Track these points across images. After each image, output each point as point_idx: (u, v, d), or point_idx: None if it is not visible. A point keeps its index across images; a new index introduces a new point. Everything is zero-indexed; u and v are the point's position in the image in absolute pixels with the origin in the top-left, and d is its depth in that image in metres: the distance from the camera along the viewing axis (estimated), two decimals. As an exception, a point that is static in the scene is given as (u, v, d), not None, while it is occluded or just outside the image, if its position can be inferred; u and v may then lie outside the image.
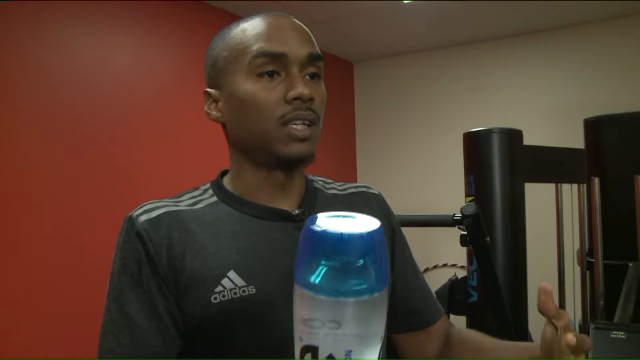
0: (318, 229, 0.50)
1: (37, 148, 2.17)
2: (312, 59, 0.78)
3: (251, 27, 0.78)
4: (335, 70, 4.19)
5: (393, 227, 0.93)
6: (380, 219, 0.93)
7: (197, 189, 0.85)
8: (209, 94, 0.82)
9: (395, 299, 0.90)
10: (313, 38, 0.81)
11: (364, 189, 0.94)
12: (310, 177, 0.90)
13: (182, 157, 2.78)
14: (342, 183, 0.95)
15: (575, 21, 3.51)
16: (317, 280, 0.48)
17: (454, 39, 3.86)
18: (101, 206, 2.36)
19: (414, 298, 0.92)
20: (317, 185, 0.90)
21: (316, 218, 0.52)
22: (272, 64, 0.76)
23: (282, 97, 0.76)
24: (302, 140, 0.77)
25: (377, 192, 0.95)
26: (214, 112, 0.82)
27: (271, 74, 0.76)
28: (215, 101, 0.82)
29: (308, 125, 0.77)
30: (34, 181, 2.15)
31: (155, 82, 2.71)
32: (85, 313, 2.11)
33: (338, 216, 0.54)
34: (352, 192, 0.93)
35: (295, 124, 0.76)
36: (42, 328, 2.13)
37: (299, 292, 0.50)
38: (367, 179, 4.30)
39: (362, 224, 0.53)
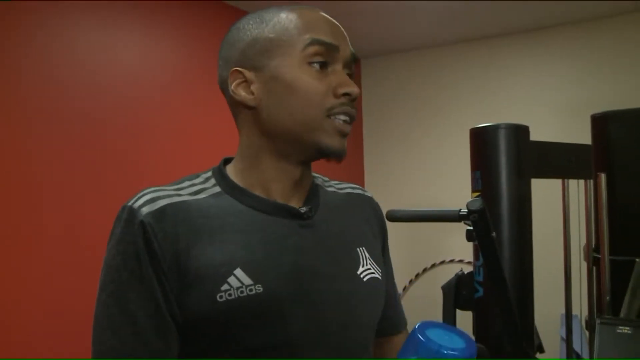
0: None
1: (45, 145, 2.18)
2: (353, 60, 0.81)
3: (303, 15, 0.78)
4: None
5: (384, 230, 0.96)
6: (373, 222, 0.96)
7: (197, 176, 0.83)
8: (240, 73, 0.79)
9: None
10: None
11: (360, 191, 0.97)
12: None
13: (190, 152, 2.79)
14: (338, 182, 0.96)
15: (583, 17, 3.49)
16: None
17: (462, 36, 3.85)
18: (110, 203, 2.36)
19: (388, 304, 0.93)
20: (317, 182, 0.90)
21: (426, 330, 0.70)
22: (324, 54, 0.77)
23: (331, 90, 0.77)
24: (344, 135, 0.79)
25: (371, 195, 0.98)
26: (244, 93, 0.79)
27: (322, 65, 0.77)
28: (248, 82, 0.79)
29: (349, 122, 0.79)
30: (41, 178, 2.15)
31: (163, 78, 2.73)
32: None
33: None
34: (349, 193, 0.94)
35: (340, 118, 0.78)
36: (47, 328, 2.14)
37: None
38: (374, 175, 4.31)
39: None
